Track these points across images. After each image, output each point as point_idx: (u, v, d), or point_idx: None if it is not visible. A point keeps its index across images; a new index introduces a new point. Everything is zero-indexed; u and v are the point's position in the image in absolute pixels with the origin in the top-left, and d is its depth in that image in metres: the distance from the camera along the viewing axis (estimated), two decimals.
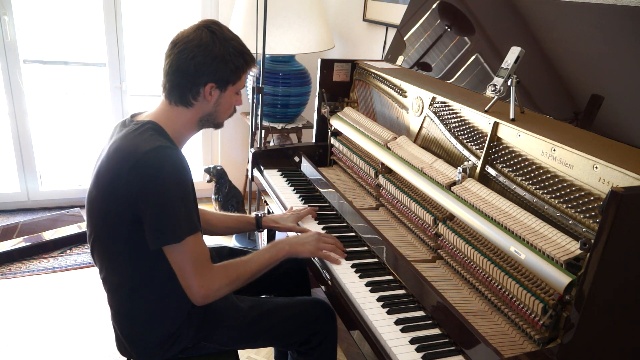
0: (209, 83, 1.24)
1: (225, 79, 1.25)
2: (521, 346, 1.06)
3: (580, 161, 1.05)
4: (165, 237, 1.16)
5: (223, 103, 1.29)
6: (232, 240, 3.02)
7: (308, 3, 2.66)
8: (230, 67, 1.24)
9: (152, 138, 1.19)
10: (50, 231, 2.95)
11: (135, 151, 1.15)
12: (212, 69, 1.22)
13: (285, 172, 2.01)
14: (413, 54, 1.85)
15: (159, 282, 1.26)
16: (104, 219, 1.22)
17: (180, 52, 1.21)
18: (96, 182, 1.23)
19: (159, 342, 1.30)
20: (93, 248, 1.29)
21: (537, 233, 1.07)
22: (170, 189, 1.15)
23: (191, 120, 1.29)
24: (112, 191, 1.18)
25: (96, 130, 3.54)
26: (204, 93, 1.25)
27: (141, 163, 1.14)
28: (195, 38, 1.21)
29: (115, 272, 1.28)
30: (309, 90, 2.97)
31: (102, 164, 1.22)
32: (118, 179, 1.16)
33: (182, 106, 1.26)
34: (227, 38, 1.24)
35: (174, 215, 1.15)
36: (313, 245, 1.40)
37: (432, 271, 1.33)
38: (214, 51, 1.21)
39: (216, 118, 1.32)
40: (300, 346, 1.45)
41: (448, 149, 1.49)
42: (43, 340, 2.19)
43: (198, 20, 1.28)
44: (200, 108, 1.27)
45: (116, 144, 1.21)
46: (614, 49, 1.19)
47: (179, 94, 1.25)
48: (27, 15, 3.05)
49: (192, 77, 1.22)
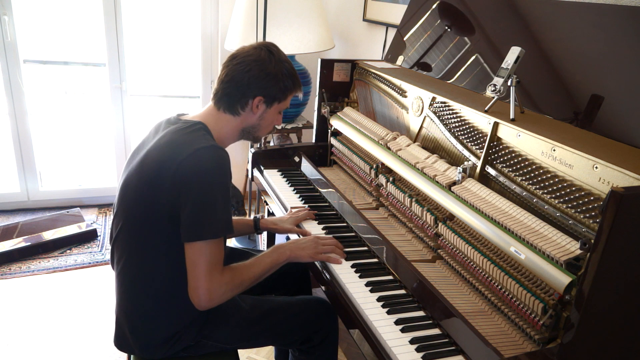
0: (258, 96, 1.34)
1: (273, 96, 1.36)
2: (521, 346, 1.06)
3: (580, 161, 1.05)
4: (201, 230, 1.19)
5: (266, 118, 1.40)
6: (232, 240, 3.02)
7: (308, 3, 2.66)
8: (280, 86, 1.35)
9: (205, 137, 1.26)
10: (50, 231, 2.95)
11: (189, 146, 1.21)
12: (263, 83, 1.33)
13: (285, 172, 2.01)
14: (413, 54, 1.85)
15: (174, 280, 1.26)
16: (140, 208, 1.25)
17: (238, 65, 1.32)
18: (139, 170, 1.26)
19: (164, 339, 1.30)
20: (117, 238, 1.31)
21: (537, 233, 1.07)
22: (216, 186, 1.20)
23: (235, 128, 1.38)
24: (158, 181, 1.21)
25: (96, 130, 3.54)
26: (252, 105, 1.35)
27: (194, 156, 1.19)
28: (254, 54, 1.33)
29: (136, 264, 1.29)
30: (309, 90, 2.97)
31: (150, 154, 1.25)
32: (167, 170, 1.20)
33: (229, 114, 1.35)
34: (282, 60, 1.36)
35: (215, 212, 1.20)
36: (312, 249, 1.41)
37: (432, 271, 1.33)
38: (269, 68, 1.32)
39: (257, 131, 1.42)
40: (302, 345, 1.45)
41: (448, 149, 1.49)
42: (43, 340, 2.19)
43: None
44: (246, 119, 1.37)
45: (168, 137, 1.26)
46: (614, 49, 1.19)
47: (228, 102, 1.34)
48: (27, 15, 3.05)
49: (244, 88, 1.32)
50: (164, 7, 3.35)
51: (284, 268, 1.42)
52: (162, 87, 3.59)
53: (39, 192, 3.32)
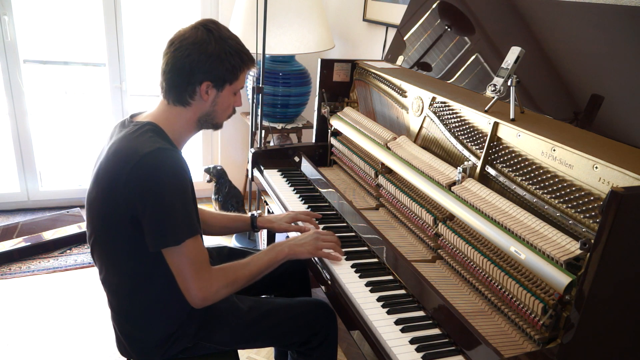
0: (205, 81, 1.23)
1: (221, 78, 1.24)
2: (521, 346, 1.06)
3: (580, 161, 1.05)
4: (164, 239, 1.16)
5: (221, 103, 1.29)
6: (232, 240, 3.02)
7: (308, 3, 2.66)
8: (227, 65, 1.23)
9: (152, 140, 1.18)
10: (50, 231, 2.95)
11: (134, 153, 1.15)
12: (207, 67, 1.21)
13: (285, 172, 2.01)
14: (413, 54, 1.85)
15: (159, 283, 1.26)
16: (103, 219, 1.22)
17: (176, 50, 1.21)
18: (95, 183, 1.23)
19: (159, 342, 1.29)
20: (93, 248, 1.28)
21: (537, 233, 1.07)
22: (169, 192, 1.14)
23: (190, 120, 1.28)
24: (111, 192, 1.17)
25: (96, 130, 3.54)
26: (200, 92, 1.24)
27: (140, 165, 1.13)
28: (191, 36, 1.21)
29: (115, 273, 1.27)
30: (309, 90, 2.97)
31: (102, 165, 1.22)
32: (117, 181, 1.16)
33: (179, 106, 1.26)
34: (223, 37, 1.23)
35: (173, 218, 1.15)
36: (312, 245, 1.39)
37: (432, 271, 1.33)
38: (209, 49, 1.20)
39: (214, 118, 1.31)
40: (301, 346, 1.45)
41: (448, 149, 1.49)
42: (43, 340, 2.19)
43: (198, 19, 1.28)
44: (198, 107, 1.27)
45: (115, 145, 1.21)
46: (614, 49, 1.19)
47: (176, 93, 1.24)
48: (27, 15, 3.05)
49: (187, 75, 1.21)
50: (164, 7, 3.35)
51: (283, 268, 1.42)
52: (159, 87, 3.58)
53: (39, 192, 3.32)
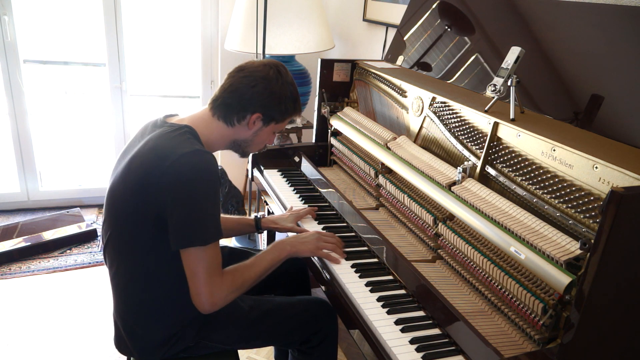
0: (257, 113, 1.32)
1: (272, 115, 1.34)
2: (521, 346, 1.06)
3: (580, 161, 1.05)
4: (190, 239, 1.17)
5: (260, 136, 1.38)
6: (232, 240, 3.02)
7: (308, 3, 2.66)
8: (281, 107, 1.34)
9: (190, 141, 1.23)
10: (50, 231, 2.95)
11: (173, 151, 1.18)
12: (266, 102, 1.31)
13: (285, 172, 2.01)
14: (413, 54, 1.85)
15: (169, 283, 1.27)
16: (127, 214, 1.24)
17: (244, 78, 1.31)
18: (124, 177, 1.24)
19: (162, 341, 1.30)
20: (108, 243, 1.30)
21: (537, 233, 1.07)
22: (203, 193, 1.18)
23: (226, 137, 1.36)
24: (143, 188, 1.19)
25: (96, 130, 3.54)
26: (249, 120, 1.32)
27: (179, 163, 1.16)
28: (263, 71, 1.31)
29: (128, 269, 1.29)
30: (309, 90, 2.97)
31: (134, 161, 1.23)
32: (151, 177, 1.18)
33: (223, 122, 1.33)
34: (289, 82, 1.35)
35: (204, 219, 1.18)
36: (313, 244, 1.41)
37: (432, 271, 1.33)
38: (275, 88, 1.31)
39: (248, 147, 1.41)
40: (301, 345, 1.45)
41: (448, 149, 1.49)
42: (43, 340, 2.19)
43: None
44: (239, 132, 1.35)
45: (152, 142, 1.24)
46: (614, 49, 1.19)
47: (226, 112, 1.32)
48: (27, 15, 3.05)
49: (245, 102, 1.31)
50: (164, 7, 3.35)
51: (283, 267, 1.42)
52: (162, 87, 3.59)
53: (39, 192, 3.32)
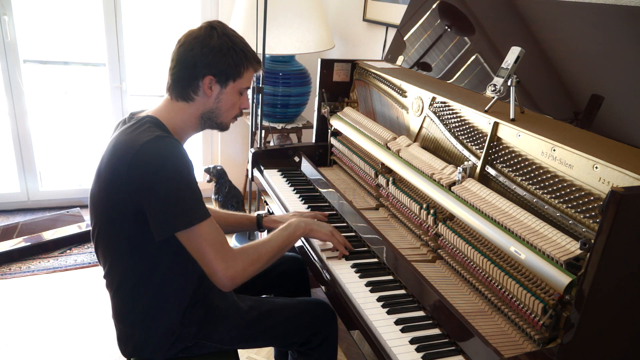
0: (208, 76, 1.24)
1: (224, 73, 1.26)
2: (521, 346, 1.06)
3: (580, 161, 1.05)
4: (173, 224, 1.14)
5: (224, 100, 1.29)
6: (232, 240, 3.02)
7: (308, 3, 2.66)
8: (229, 60, 1.25)
9: (150, 130, 1.19)
10: (50, 231, 2.95)
11: (133, 144, 1.15)
12: (209, 60, 1.23)
13: (285, 172, 2.01)
14: (413, 54, 1.85)
15: (160, 279, 1.26)
16: (106, 215, 1.23)
17: (181, 47, 1.25)
18: (97, 179, 1.24)
19: (160, 341, 1.30)
20: (97, 245, 1.29)
21: (537, 233, 1.07)
22: (175, 177, 1.14)
23: (192, 116, 1.29)
24: (114, 187, 1.18)
25: (96, 130, 3.54)
26: (203, 87, 1.25)
27: (140, 154, 1.14)
28: (195, 32, 1.25)
29: (118, 269, 1.28)
30: (309, 90, 2.97)
31: (103, 161, 1.22)
32: (118, 174, 1.16)
33: (182, 101, 1.28)
34: (227, 34, 1.26)
35: (183, 201, 1.15)
36: (329, 229, 1.42)
37: (432, 271, 1.33)
38: (212, 43, 1.23)
39: (218, 116, 1.32)
40: (301, 346, 1.45)
41: (448, 149, 1.49)
42: (43, 340, 2.19)
43: (197, 19, 1.29)
44: (201, 104, 1.28)
45: (115, 140, 1.22)
46: (614, 49, 1.19)
47: (179, 88, 1.27)
48: (27, 15, 3.05)
49: (190, 69, 1.24)
50: (164, 7, 3.35)
51: (283, 267, 1.42)
52: (162, 87, 3.58)
53: (39, 192, 3.32)
